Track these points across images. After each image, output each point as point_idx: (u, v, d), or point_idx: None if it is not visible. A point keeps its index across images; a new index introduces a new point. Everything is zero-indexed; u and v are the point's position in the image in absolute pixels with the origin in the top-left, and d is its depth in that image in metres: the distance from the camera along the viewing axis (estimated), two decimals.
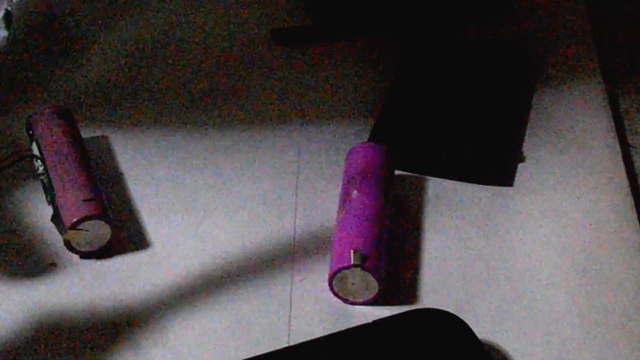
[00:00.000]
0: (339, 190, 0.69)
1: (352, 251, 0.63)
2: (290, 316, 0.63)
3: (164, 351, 0.62)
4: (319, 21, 0.87)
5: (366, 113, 0.78)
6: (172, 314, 0.64)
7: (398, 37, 0.85)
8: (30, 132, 0.73)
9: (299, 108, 0.79)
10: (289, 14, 0.88)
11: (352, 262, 0.62)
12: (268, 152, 0.75)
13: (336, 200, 0.69)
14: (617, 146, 0.75)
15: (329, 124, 0.78)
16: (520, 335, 0.62)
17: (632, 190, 0.72)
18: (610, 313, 0.63)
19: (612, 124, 0.77)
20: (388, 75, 0.81)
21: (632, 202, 0.71)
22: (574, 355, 0.61)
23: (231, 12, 0.89)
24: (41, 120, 0.73)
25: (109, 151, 0.75)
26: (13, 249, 0.68)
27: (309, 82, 0.81)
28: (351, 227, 0.65)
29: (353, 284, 0.63)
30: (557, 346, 0.62)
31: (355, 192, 0.67)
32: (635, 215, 0.70)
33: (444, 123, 0.76)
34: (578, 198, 0.71)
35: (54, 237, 0.68)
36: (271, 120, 0.78)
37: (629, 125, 0.79)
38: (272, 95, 0.80)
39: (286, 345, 0.61)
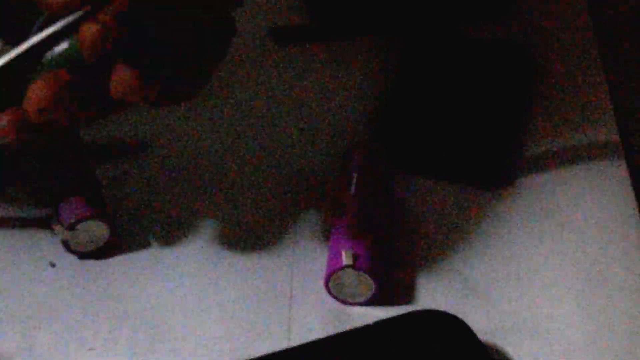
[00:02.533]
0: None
1: (343, 252, 0.63)
2: (290, 317, 0.63)
3: (163, 351, 0.62)
4: (319, 21, 0.87)
5: (366, 113, 0.78)
6: (172, 314, 0.64)
7: (398, 37, 0.84)
8: None
9: (298, 108, 0.79)
10: (289, 13, 0.88)
11: (344, 263, 0.62)
12: (267, 151, 0.75)
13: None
14: (620, 147, 0.75)
15: (329, 123, 0.77)
16: (522, 337, 0.62)
17: (633, 190, 0.72)
18: (612, 313, 0.63)
19: (613, 123, 0.77)
20: (388, 75, 0.81)
21: (634, 202, 0.71)
22: (575, 355, 0.61)
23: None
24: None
25: (110, 150, 0.75)
26: (13, 248, 0.68)
27: (308, 82, 0.81)
28: (345, 228, 0.65)
29: (349, 284, 0.63)
30: (558, 346, 0.62)
31: (348, 192, 0.67)
32: (636, 215, 0.70)
33: (444, 123, 0.76)
34: (578, 198, 0.71)
35: (54, 237, 0.67)
36: (269, 119, 0.78)
37: (632, 125, 0.79)
38: (271, 95, 0.80)
39: (286, 346, 0.61)
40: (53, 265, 0.67)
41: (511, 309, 0.64)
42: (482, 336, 0.61)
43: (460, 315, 0.61)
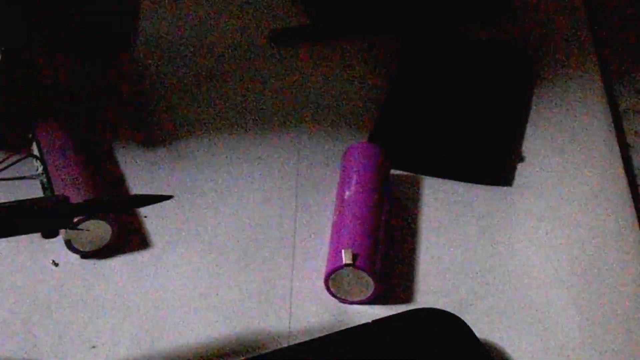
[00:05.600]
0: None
1: (343, 251, 0.63)
2: (290, 316, 0.64)
3: (164, 349, 0.62)
4: (319, 21, 0.87)
5: (366, 113, 0.78)
6: (173, 314, 0.64)
7: (398, 37, 0.85)
8: (30, 132, 0.73)
9: (298, 108, 0.79)
10: (289, 14, 0.88)
11: (343, 262, 0.62)
12: (268, 152, 0.75)
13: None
14: (617, 146, 0.75)
15: (329, 124, 0.78)
16: (520, 335, 0.62)
17: (631, 190, 0.72)
18: (610, 312, 0.64)
19: (612, 124, 0.77)
20: (388, 75, 0.81)
21: (632, 202, 0.71)
22: (574, 355, 0.61)
23: (230, 12, 0.89)
24: (41, 119, 0.73)
25: (110, 151, 0.75)
26: (16, 247, 0.68)
27: (308, 82, 0.81)
28: (344, 227, 0.65)
29: (349, 283, 0.63)
30: (557, 346, 0.62)
31: (348, 192, 0.67)
32: (634, 215, 0.70)
33: (444, 123, 0.76)
34: (578, 198, 0.71)
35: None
36: (270, 120, 0.78)
37: (628, 125, 0.79)
38: (271, 96, 0.80)
39: (286, 345, 0.61)
40: (56, 264, 0.67)
41: (510, 308, 0.64)
42: (481, 336, 0.61)
43: (460, 315, 0.61)
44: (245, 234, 0.69)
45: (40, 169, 0.70)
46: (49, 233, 0.57)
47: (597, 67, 0.82)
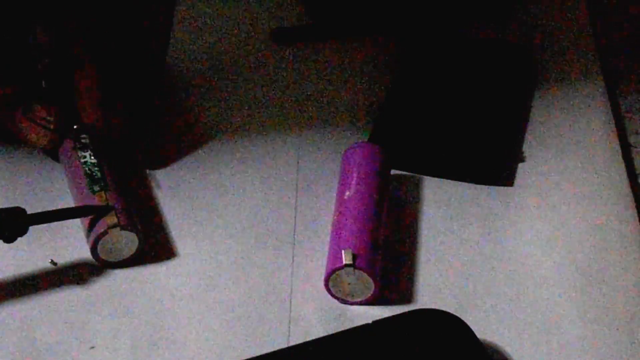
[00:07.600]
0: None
1: (343, 251, 0.63)
2: (290, 316, 0.63)
3: (164, 350, 0.62)
4: (319, 21, 0.87)
5: (366, 113, 0.78)
6: (173, 313, 0.64)
7: (398, 37, 0.85)
8: (77, 122, 0.71)
9: (299, 108, 0.79)
10: (289, 14, 0.88)
11: (344, 262, 0.62)
12: (268, 152, 0.75)
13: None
14: (617, 146, 0.75)
15: (329, 123, 0.78)
16: (520, 335, 0.62)
17: (632, 190, 0.72)
18: (611, 313, 0.63)
19: (612, 124, 0.77)
20: (388, 75, 0.81)
21: (632, 202, 0.71)
22: (574, 355, 0.61)
23: (231, 11, 0.89)
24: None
25: None
26: (15, 246, 0.68)
27: (308, 82, 0.81)
28: (345, 228, 0.65)
29: (349, 284, 0.63)
30: (557, 346, 0.62)
31: (348, 192, 0.67)
32: (635, 215, 0.70)
33: (444, 123, 0.76)
34: (578, 198, 0.71)
35: (55, 234, 0.67)
36: (271, 120, 0.78)
37: (629, 125, 0.79)
38: (271, 95, 0.80)
39: (286, 345, 0.61)
40: (54, 263, 0.67)
41: (511, 309, 0.64)
42: (481, 336, 0.61)
43: (460, 315, 0.61)
44: (245, 234, 0.69)
45: (91, 159, 0.69)
46: (8, 239, 0.64)
47: (599, 66, 0.82)
